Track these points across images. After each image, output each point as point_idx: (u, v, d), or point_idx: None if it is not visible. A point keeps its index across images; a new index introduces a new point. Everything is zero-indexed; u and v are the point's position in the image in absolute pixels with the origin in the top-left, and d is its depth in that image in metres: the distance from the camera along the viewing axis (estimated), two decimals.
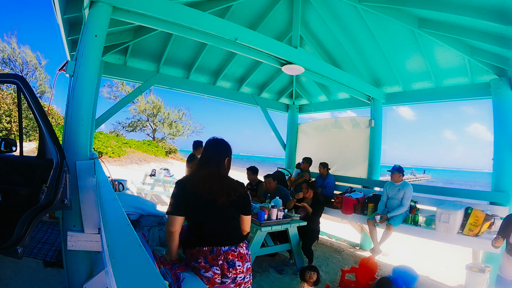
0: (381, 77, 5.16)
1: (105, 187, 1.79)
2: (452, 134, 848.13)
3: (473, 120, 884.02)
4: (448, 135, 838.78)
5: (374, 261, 3.53)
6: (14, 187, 1.95)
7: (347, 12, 4.19)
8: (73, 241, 2.13)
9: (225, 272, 1.69)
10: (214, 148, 1.80)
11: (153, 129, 24.33)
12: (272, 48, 3.56)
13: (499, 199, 3.65)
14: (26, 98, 1.94)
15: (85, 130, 2.21)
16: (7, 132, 12.03)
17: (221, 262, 1.69)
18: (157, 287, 0.64)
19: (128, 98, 5.73)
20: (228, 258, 1.70)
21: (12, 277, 2.60)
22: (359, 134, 5.50)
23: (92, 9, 2.32)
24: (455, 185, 31.50)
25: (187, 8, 2.88)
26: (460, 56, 3.98)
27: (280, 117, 7.35)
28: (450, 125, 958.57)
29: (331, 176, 5.30)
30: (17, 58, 16.62)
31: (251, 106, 6.46)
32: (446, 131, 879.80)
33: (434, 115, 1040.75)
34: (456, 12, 3.09)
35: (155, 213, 2.75)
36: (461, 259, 4.84)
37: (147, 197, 6.59)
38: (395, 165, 4.15)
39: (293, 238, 3.75)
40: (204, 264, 1.69)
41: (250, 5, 4.30)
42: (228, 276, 1.69)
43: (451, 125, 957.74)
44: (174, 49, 4.77)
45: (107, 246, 0.93)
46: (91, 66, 2.27)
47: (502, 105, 3.80)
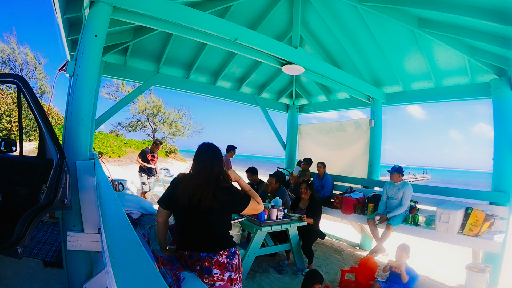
0: (381, 77, 5.16)
1: (105, 187, 1.79)
2: (457, 134, 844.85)
3: (480, 119, 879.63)
4: (454, 135, 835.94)
5: (374, 261, 3.53)
6: (14, 187, 1.95)
7: (347, 12, 4.19)
8: (73, 241, 2.13)
9: (201, 279, 1.65)
10: (205, 152, 1.76)
11: (153, 129, 24.33)
12: (272, 48, 3.56)
13: (499, 199, 3.64)
14: (26, 98, 1.94)
15: (85, 130, 2.21)
16: (7, 132, 12.03)
17: (198, 268, 1.66)
18: (157, 287, 0.64)
19: (128, 98, 5.73)
20: (205, 265, 1.66)
21: (12, 277, 2.60)
22: (361, 136, 5.51)
23: (92, 9, 2.32)
24: (455, 185, 31.48)
25: (187, 8, 2.87)
26: (460, 56, 3.98)
27: (280, 117, 7.37)
28: (460, 124, 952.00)
29: (328, 176, 5.31)
30: (17, 58, 16.63)
31: (251, 106, 6.46)
32: (452, 130, 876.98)
33: (446, 114, 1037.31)
34: (456, 12, 3.09)
35: (155, 212, 2.75)
36: (461, 259, 4.84)
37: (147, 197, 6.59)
38: (394, 166, 4.16)
39: (293, 238, 3.75)
40: (184, 268, 1.70)
41: (250, 5, 4.30)
42: (205, 282, 1.65)
43: (460, 124, 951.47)
44: (174, 49, 4.77)
45: (107, 246, 0.93)
46: (91, 66, 2.27)
47: (502, 105, 3.80)
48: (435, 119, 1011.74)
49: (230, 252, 1.73)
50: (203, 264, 1.66)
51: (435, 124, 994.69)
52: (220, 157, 1.77)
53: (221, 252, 1.70)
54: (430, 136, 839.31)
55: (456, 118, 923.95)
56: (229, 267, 1.70)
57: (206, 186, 1.65)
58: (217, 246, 1.71)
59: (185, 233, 1.76)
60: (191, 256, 1.70)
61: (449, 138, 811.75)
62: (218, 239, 1.73)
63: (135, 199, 2.66)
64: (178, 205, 1.74)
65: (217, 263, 1.67)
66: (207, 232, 1.71)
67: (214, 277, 1.66)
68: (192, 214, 1.70)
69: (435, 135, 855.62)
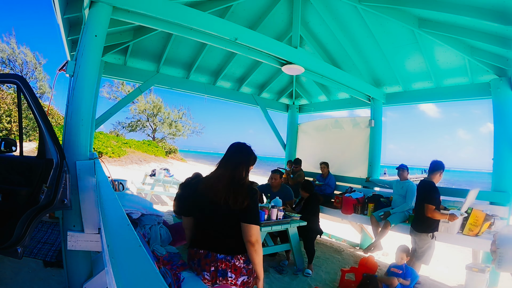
0: (381, 77, 5.16)
1: (105, 187, 1.79)
2: (465, 134, 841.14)
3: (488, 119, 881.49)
4: (461, 134, 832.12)
5: (374, 260, 3.54)
6: (14, 187, 1.95)
7: (347, 12, 4.18)
8: (73, 241, 2.13)
9: (215, 280, 1.64)
10: (235, 151, 1.75)
11: (153, 129, 24.35)
12: (272, 48, 3.56)
13: (499, 199, 3.64)
14: (26, 98, 1.94)
15: (85, 130, 2.21)
16: (7, 132, 12.03)
17: (213, 269, 1.63)
18: (157, 287, 0.64)
19: (128, 98, 5.73)
20: (221, 267, 1.62)
21: (12, 277, 2.60)
22: (359, 134, 5.51)
23: (92, 9, 2.32)
24: (455, 186, 31.35)
25: (187, 8, 2.88)
26: (460, 56, 3.98)
27: (280, 117, 7.37)
28: (475, 123, 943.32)
29: (331, 175, 5.34)
30: (16, 58, 16.64)
31: (251, 106, 6.46)
32: (459, 130, 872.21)
33: (462, 112, 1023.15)
34: (456, 12, 3.09)
35: (155, 212, 2.76)
36: (461, 259, 4.84)
37: (147, 197, 6.59)
38: (402, 164, 4.26)
39: (293, 238, 3.75)
40: (197, 267, 1.68)
41: (250, 5, 4.30)
42: (218, 284, 1.64)
43: (475, 123, 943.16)
44: (174, 49, 4.77)
45: (107, 246, 0.93)
46: (91, 66, 2.27)
47: (502, 105, 3.80)
48: (448, 117, 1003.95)
49: (246, 257, 1.68)
50: (220, 265, 1.63)
51: (448, 122, 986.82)
52: (247, 157, 1.75)
53: (238, 256, 1.66)
54: (442, 135, 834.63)
55: (471, 116, 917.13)
56: (245, 271, 1.67)
57: (227, 182, 1.65)
58: (236, 250, 1.66)
59: (203, 231, 1.72)
60: (207, 255, 1.66)
61: (457, 137, 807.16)
62: (237, 242, 1.66)
63: (135, 199, 2.66)
64: (198, 205, 1.74)
65: (234, 267, 1.64)
66: (227, 234, 1.67)
67: (228, 280, 1.63)
68: (213, 212, 1.68)
69: (446, 134, 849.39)
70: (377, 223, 4.06)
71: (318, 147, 6.30)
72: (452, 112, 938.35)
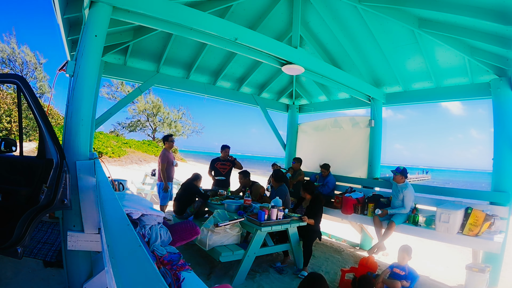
0: (381, 77, 5.16)
1: (105, 187, 1.79)
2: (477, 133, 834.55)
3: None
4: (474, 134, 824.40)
5: (374, 260, 3.53)
6: (14, 187, 1.95)
7: (347, 12, 4.19)
8: (73, 241, 2.13)
9: None
10: None
11: (153, 129, 24.35)
12: (272, 48, 3.56)
13: (499, 199, 3.64)
14: (26, 98, 1.94)
15: (85, 130, 2.21)
16: (7, 132, 12.03)
17: None
18: (157, 287, 0.64)
19: (128, 98, 5.72)
20: None
21: (12, 277, 2.60)
22: (358, 133, 5.51)
23: (92, 9, 2.32)
24: (454, 185, 31.39)
25: (187, 8, 2.88)
26: (460, 56, 3.98)
27: (280, 117, 7.37)
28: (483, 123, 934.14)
29: (331, 175, 5.34)
30: (16, 58, 16.64)
31: (251, 106, 6.46)
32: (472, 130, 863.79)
33: (486, 109, 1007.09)
34: (456, 12, 3.09)
35: (155, 212, 2.76)
36: (461, 259, 4.84)
37: (147, 197, 6.58)
38: (398, 167, 4.19)
39: (293, 238, 3.75)
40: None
41: (250, 5, 4.30)
42: None
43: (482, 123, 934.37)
44: (174, 49, 4.77)
45: (107, 246, 0.93)
46: (91, 66, 2.27)
47: (502, 105, 3.80)
48: (474, 114, 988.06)
49: None
50: None
51: (471, 120, 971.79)
52: None
53: None
54: (450, 135, 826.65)
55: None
56: None
57: None
58: None
59: None
60: None
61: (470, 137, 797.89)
62: None
63: (135, 199, 2.66)
64: None
65: None
66: None
67: None
68: None
69: (455, 134, 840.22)
70: (380, 224, 4.05)
71: (318, 147, 6.30)
72: (477, 108, 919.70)
